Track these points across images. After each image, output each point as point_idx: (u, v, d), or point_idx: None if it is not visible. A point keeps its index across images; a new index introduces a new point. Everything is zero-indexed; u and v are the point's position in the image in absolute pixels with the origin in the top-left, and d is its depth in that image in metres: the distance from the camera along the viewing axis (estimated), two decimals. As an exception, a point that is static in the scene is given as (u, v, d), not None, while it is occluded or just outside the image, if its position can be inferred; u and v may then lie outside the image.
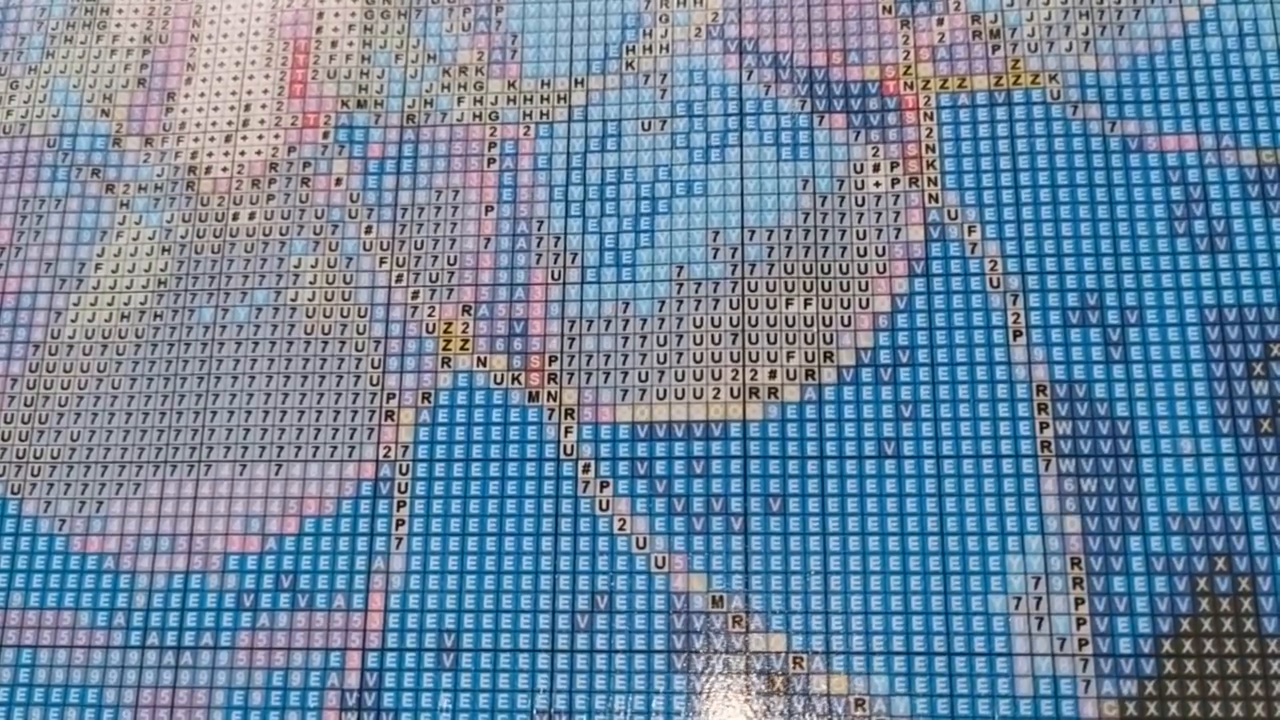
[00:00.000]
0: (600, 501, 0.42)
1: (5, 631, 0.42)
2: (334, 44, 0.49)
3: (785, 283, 0.43)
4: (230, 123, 0.48)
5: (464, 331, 0.44)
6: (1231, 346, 0.41)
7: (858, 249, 0.43)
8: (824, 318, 0.43)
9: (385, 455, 0.43)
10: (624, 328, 0.44)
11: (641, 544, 0.41)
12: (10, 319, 0.46)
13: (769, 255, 0.44)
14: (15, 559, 0.43)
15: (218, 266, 0.46)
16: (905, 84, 0.45)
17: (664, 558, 0.41)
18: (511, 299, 0.44)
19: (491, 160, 0.46)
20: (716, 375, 0.43)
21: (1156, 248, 0.42)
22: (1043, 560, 0.39)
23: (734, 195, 0.45)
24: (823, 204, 0.44)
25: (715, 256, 0.44)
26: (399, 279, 0.45)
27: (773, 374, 0.42)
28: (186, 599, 0.42)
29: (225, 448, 0.44)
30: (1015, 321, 0.42)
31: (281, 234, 0.46)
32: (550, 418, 0.43)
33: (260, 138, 0.47)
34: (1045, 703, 0.38)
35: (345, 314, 0.45)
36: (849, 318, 0.43)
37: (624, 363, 0.43)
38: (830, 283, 0.43)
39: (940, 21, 0.46)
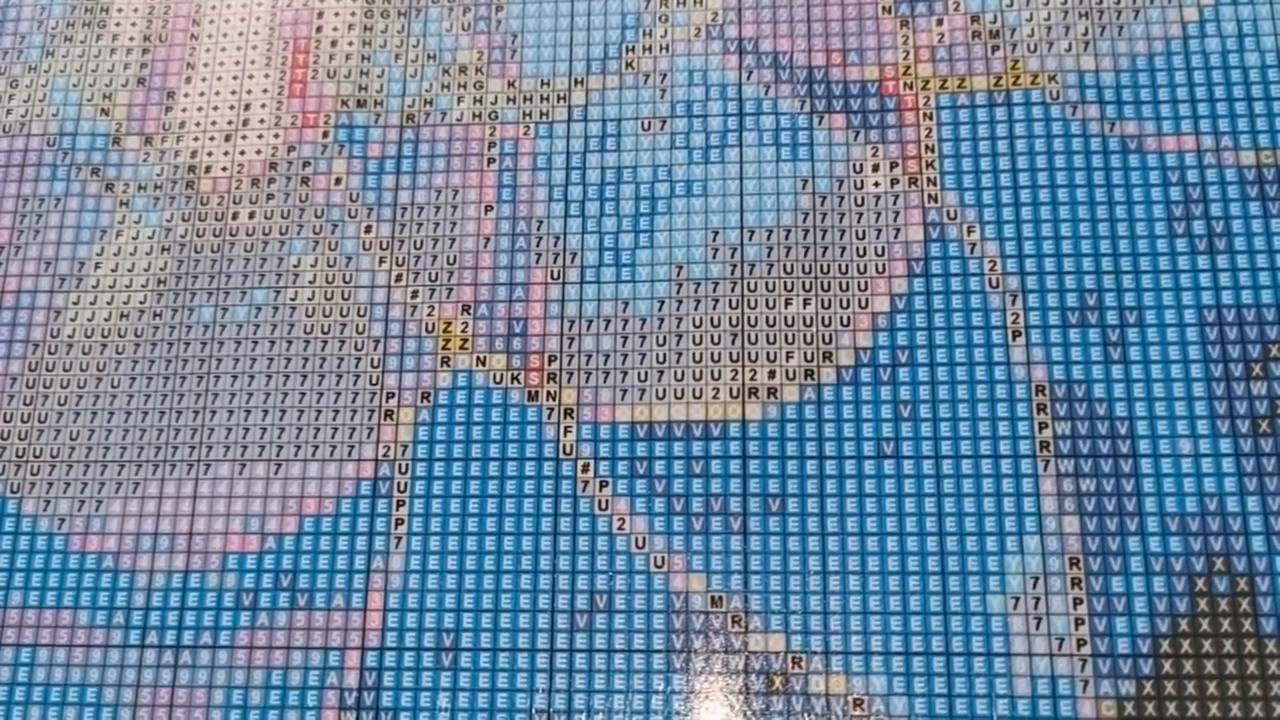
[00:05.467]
0: (600, 501, 0.42)
1: (5, 630, 0.42)
2: (334, 44, 0.49)
3: (785, 283, 0.43)
4: (230, 122, 0.48)
5: (463, 331, 0.44)
6: (1231, 347, 0.41)
7: (857, 249, 0.43)
8: (823, 318, 0.43)
9: (385, 455, 0.43)
10: (623, 327, 0.44)
11: (641, 544, 0.41)
12: (10, 318, 0.46)
13: (768, 255, 0.44)
14: (15, 558, 0.43)
15: (218, 266, 0.46)
16: (905, 84, 0.45)
17: (663, 557, 0.41)
18: (511, 299, 0.44)
19: (491, 160, 0.46)
20: (716, 375, 0.43)
21: (1156, 248, 0.42)
22: (1041, 560, 0.39)
23: (734, 195, 0.45)
24: (822, 204, 0.44)
25: (715, 256, 0.44)
26: (399, 279, 0.45)
27: (772, 374, 0.42)
28: (186, 598, 0.42)
29: (225, 447, 0.44)
30: (1014, 321, 0.42)
31: (281, 234, 0.46)
32: (550, 417, 0.43)
33: (260, 137, 0.47)
34: (1044, 703, 0.38)
35: (345, 314, 0.45)
36: (848, 318, 0.43)
37: (624, 362, 0.43)
38: (830, 283, 0.43)
39: (940, 22, 0.46)
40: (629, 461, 0.42)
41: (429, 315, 0.45)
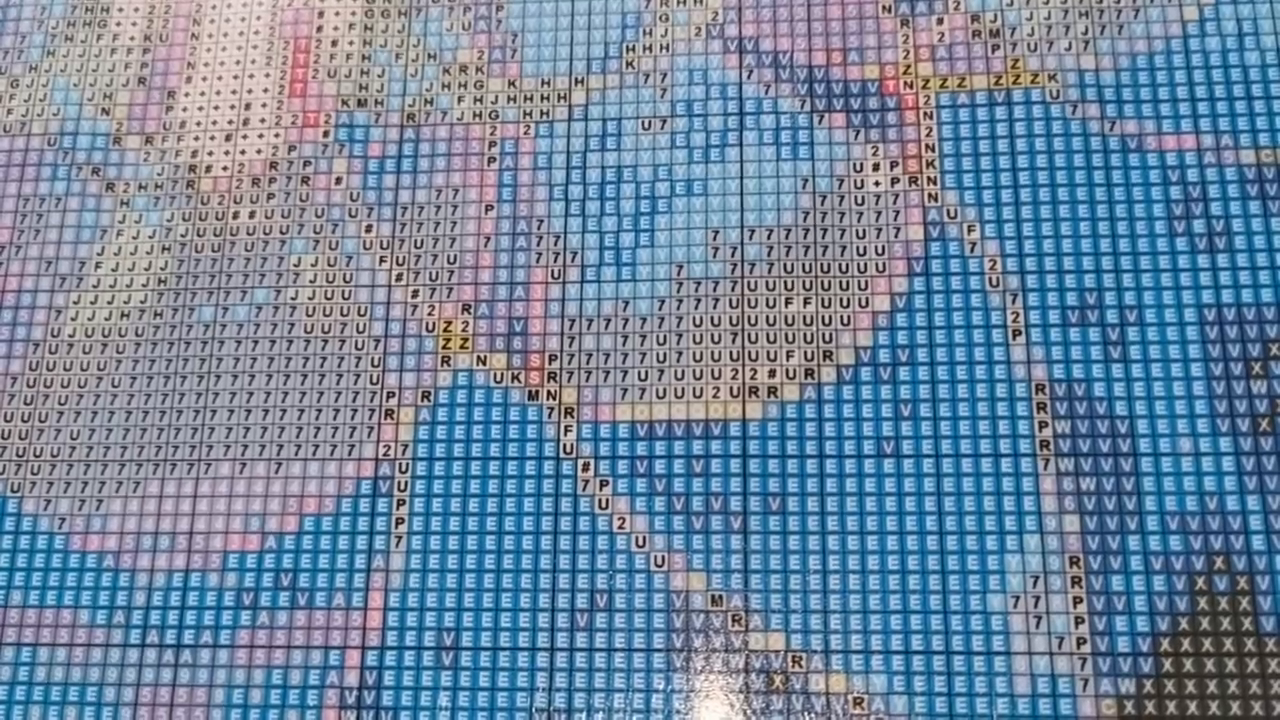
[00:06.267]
0: (600, 500, 0.42)
1: (5, 630, 0.42)
2: (334, 43, 0.49)
3: (785, 282, 0.43)
4: (230, 122, 0.48)
5: (464, 330, 0.44)
6: (1231, 346, 0.41)
7: (857, 248, 0.43)
8: (823, 317, 0.43)
9: (385, 454, 0.43)
10: (624, 327, 0.44)
11: (641, 543, 0.41)
12: (10, 317, 0.46)
13: (769, 255, 0.44)
14: (15, 557, 0.43)
15: (218, 265, 0.46)
16: (905, 83, 0.45)
17: (663, 557, 0.41)
18: (511, 298, 0.44)
19: (491, 159, 0.46)
20: (716, 375, 0.43)
21: (1156, 247, 0.42)
22: (1041, 559, 0.39)
23: (734, 195, 0.45)
24: (822, 203, 0.44)
25: (715, 256, 0.44)
26: (399, 278, 0.45)
27: (772, 373, 0.42)
28: (186, 597, 0.42)
29: (225, 446, 0.44)
30: (1014, 321, 0.42)
31: (281, 233, 0.46)
32: (550, 416, 0.43)
33: (260, 136, 0.47)
34: (1044, 701, 0.38)
35: (345, 313, 0.45)
36: (848, 317, 0.43)
37: (624, 362, 0.43)
38: (830, 282, 0.43)
39: (940, 21, 0.46)
40: (629, 461, 0.42)
41: (429, 315, 0.45)
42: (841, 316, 0.43)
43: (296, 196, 0.47)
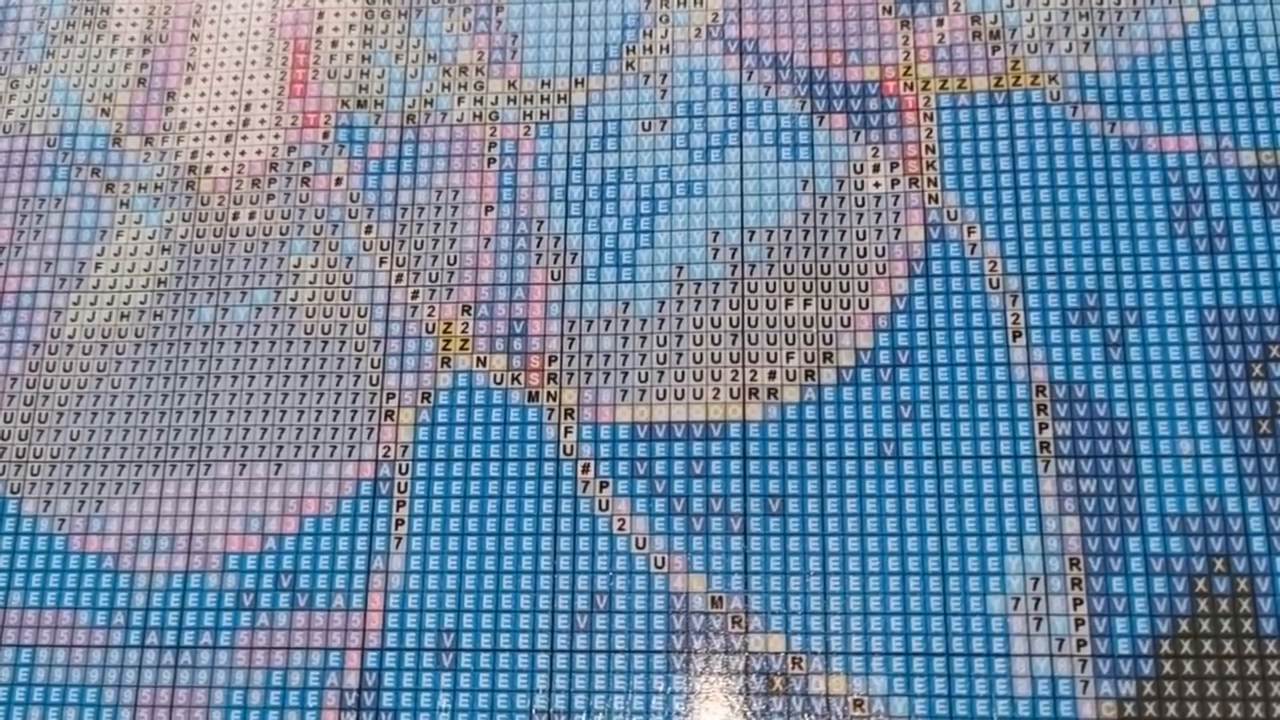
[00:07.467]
0: (600, 501, 0.42)
1: (5, 631, 0.42)
2: (334, 44, 0.49)
3: (785, 283, 0.43)
4: (230, 122, 0.48)
5: (464, 331, 0.44)
6: (1231, 347, 0.41)
7: (857, 249, 0.43)
8: (824, 318, 0.43)
9: (385, 455, 0.43)
10: (624, 328, 0.44)
11: (641, 544, 0.41)
12: (10, 318, 0.46)
13: (769, 255, 0.44)
14: (15, 558, 0.43)
15: (218, 266, 0.46)
16: (905, 84, 0.45)
17: (663, 558, 0.41)
18: (511, 299, 0.44)
19: (491, 160, 0.46)
20: (716, 375, 0.43)
21: (1156, 248, 0.42)
22: (1041, 561, 0.39)
23: (734, 195, 0.45)
24: (823, 204, 0.44)
25: (715, 256, 0.44)
26: (399, 279, 0.45)
27: (772, 374, 0.42)
28: (186, 598, 0.42)
29: (225, 447, 0.44)
30: (1015, 322, 0.42)
31: (281, 234, 0.46)
32: (550, 418, 0.43)
33: (260, 137, 0.47)
34: (1044, 703, 0.38)
35: (345, 314, 0.45)
36: (849, 318, 0.43)
37: (624, 363, 0.43)
38: (830, 283, 0.43)
39: (940, 22, 0.46)
40: (629, 462, 0.42)
41: (429, 315, 0.45)
42: (841, 318, 0.43)
43: (296, 197, 0.47)
